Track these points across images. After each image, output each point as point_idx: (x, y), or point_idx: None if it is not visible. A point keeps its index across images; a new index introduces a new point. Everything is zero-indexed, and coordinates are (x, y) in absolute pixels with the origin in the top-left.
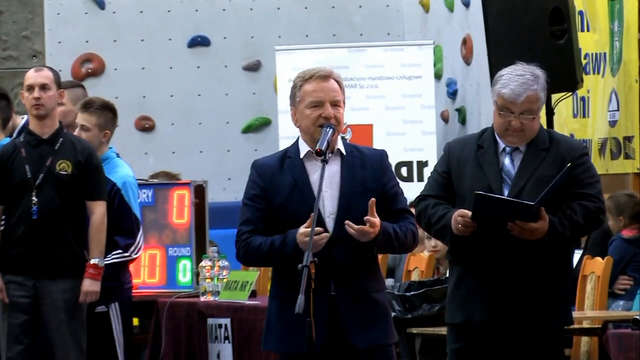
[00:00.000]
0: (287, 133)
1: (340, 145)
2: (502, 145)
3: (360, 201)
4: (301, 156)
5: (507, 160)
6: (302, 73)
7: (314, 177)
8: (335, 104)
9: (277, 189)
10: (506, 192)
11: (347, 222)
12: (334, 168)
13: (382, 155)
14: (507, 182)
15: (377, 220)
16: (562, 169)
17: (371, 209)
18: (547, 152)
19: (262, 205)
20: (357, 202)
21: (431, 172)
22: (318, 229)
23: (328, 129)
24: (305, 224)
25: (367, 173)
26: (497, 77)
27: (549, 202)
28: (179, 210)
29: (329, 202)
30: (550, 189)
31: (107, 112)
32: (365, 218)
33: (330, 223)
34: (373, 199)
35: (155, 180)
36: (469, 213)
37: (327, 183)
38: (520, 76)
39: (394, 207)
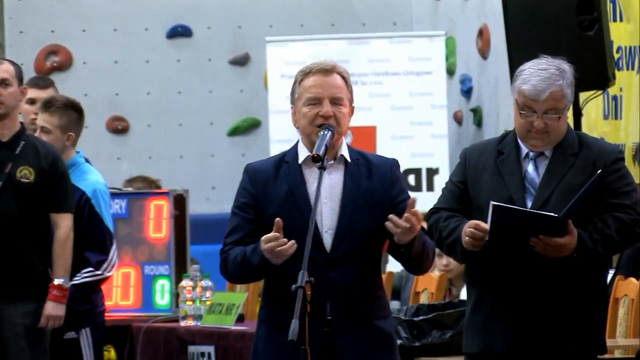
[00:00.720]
0: (278, 136)
1: (344, 151)
2: (525, 150)
3: (363, 216)
4: (299, 161)
5: (530, 167)
6: (303, 67)
7: (312, 186)
8: (336, 102)
9: (270, 198)
10: (529, 204)
11: (391, 216)
12: (336, 177)
13: (393, 164)
14: (530, 192)
15: (420, 215)
16: (593, 175)
17: (411, 206)
18: (576, 157)
19: (252, 215)
20: (359, 217)
21: (446, 183)
22: (283, 239)
23: (326, 132)
24: (274, 230)
25: (374, 184)
26: (518, 73)
27: (577, 214)
28: (157, 223)
29: (327, 216)
30: (579, 199)
31: (70, 112)
32: (405, 216)
33: (327, 239)
34: (414, 197)
35: (129, 188)
36: (482, 224)
37: (326, 194)
38: (544, 70)
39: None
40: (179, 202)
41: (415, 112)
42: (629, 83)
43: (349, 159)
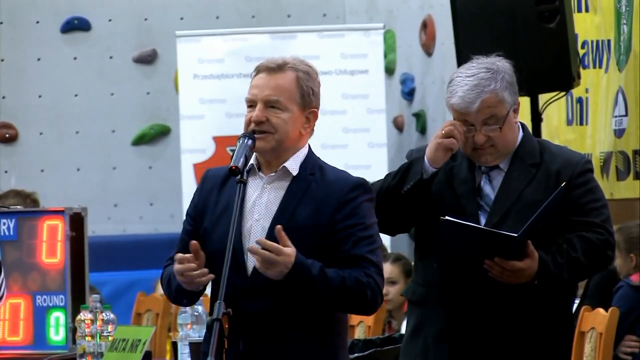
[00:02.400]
0: (191, 144)
1: (291, 163)
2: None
3: (294, 239)
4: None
5: (484, 181)
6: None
7: (251, 198)
8: (272, 105)
9: (208, 211)
10: (483, 221)
11: (254, 245)
12: (276, 193)
13: (354, 185)
14: (483, 208)
15: (288, 249)
16: (557, 189)
17: (279, 235)
18: (537, 168)
19: (191, 227)
20: (290, 238)
21: (385, 175)
22: (190, 265)
23: (245, 140)
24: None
25: (319, 204)
26: (448, 83)
27: (538, 234)
28: (50, 246)
29: (257, 236)
30: (540, 217)
31: None
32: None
33: (251, 262)
34: (279, 226)
35: (18, 207)
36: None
37: (262, 211)
38: (472, 77)
39: (345, 251)
40: (76, 221)
41: (349, 118)
42: (596, 83)
43: (294, 173)
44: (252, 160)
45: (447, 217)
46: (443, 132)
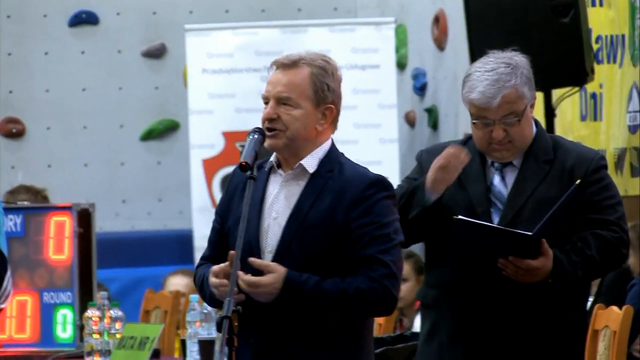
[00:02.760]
0: (200, 140)
1: (308, 160)
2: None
3: (308, 238)
4: (266, 168)
5: (496, 179)
6: None
7: (271, 196)
8: (282, 102)
9: (232, 209)
10: (496, 219)
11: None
12: (294, 190)
13: (370, 182)
14: (496, 206)
15: (266, 279)
16: (571, 186)
17: (256, 266)
18: (551, 164)
19: (219, 226)
20: (302, 239)
21: (402, 180)
22: (224, 281)
23: (254, 135)
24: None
25: (336, 202)
26: (465, 78)
27: (553, 232)
28: (57, 242)
29: (274, 234)
30: (554, 214)
31: None
32: (263, 264)
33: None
34: (251, 259)
35: (25, 202)
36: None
37: (280, 209)
38: (491, 71)
39: (356, 251)
40: (84, 218)
41: (360, 113)
42: (610, 79)
43: (310, 170)
44: (272, 158)
45: (460, 217)
46: (440, 163)
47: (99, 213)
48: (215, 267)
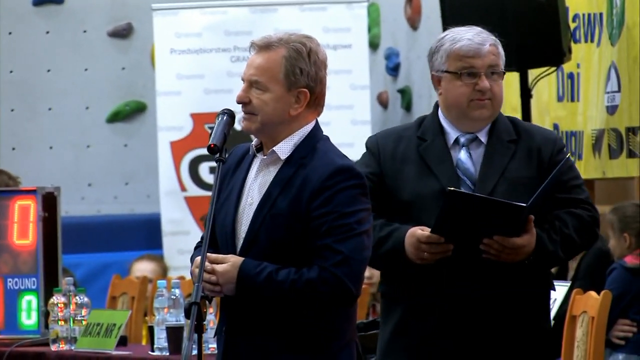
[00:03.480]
0: (168, 122)
1: (282, 146)
2: (453, 135)
3: (274, 227)
4: (250, 152)
5: (463, 154)
6: None
7: (249, 181)
8: (253, 85)
9: (222, 193)
10: None
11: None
12: (267, 178)
13: (333, 171)
14: (466, 184)
15: (220, 268)
16: (540, 167)
17: (213, 259)
18: (516, 144)
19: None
20: (267, 227)
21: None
22: (208, 276)
23: (223, 117)
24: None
25: (299, 190)
26: (439, 43)
27: (538, 209)
28: (22, 227)
29: (247, 220)
30: (545, 189)
31: None
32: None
33: (238, 248)
34: (209, 254)
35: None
36: (427, 234)
37: (255, 194)
38: (470, 28)
39: (313, 242)
40: (49, 202)
41: (332, 94)
42: (587, 58)
43: (282, 157)
44: (254, 141)
45: (452, 188)
46: (424, 257)
47: (64, 197)
48: (197, 259)
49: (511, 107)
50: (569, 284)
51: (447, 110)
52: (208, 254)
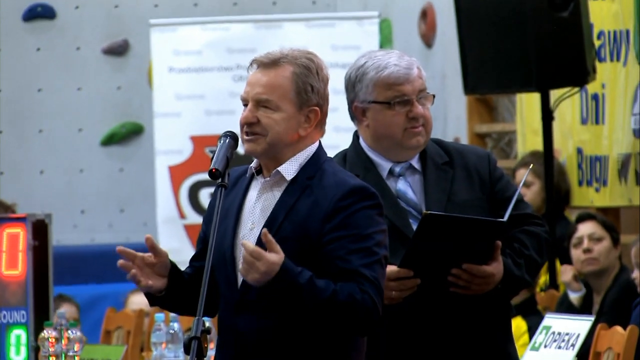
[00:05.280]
0: (166, 145)
1: (287, 166)
2: (385, 165)
3: (282, 249)
4: (247, 174)
5: (401, 184)
6: None
7: (249, 204)
8: (262, 104)
9: (213, 217)
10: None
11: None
12: (270, 201)
13: (347, 191)
14: (412, 214)
15: (271, 256)
16: (483, 186)
17: (265, 240)
18: (451, 166)
19: (203, 234)
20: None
21: None
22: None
23: (225, 140)
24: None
25: (309, 212)
26: (359, 71)
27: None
28: (10, 256)
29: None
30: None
31: None
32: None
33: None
34: (265, 230)
35: None
36: (397, 269)
37: (257, 218)
38: (388, 51)
39: (335, 266)
40: (39, 229)
41: (340, 116)
42: (613, 78)
43: (287, 177)
44: (253, 163)
45: (428, 212)
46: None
47: (55, 224)
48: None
49: (532, 130)
50: (592, 318)
51: (376, 142)
52: (247, 242)
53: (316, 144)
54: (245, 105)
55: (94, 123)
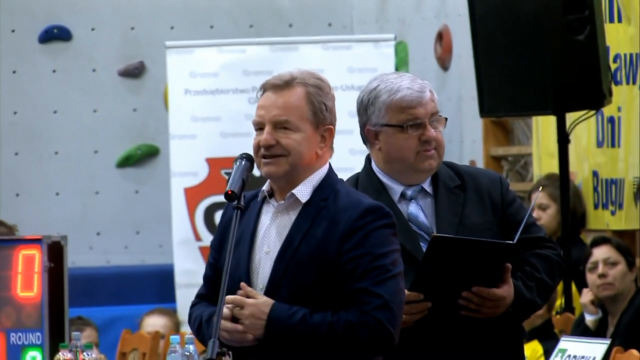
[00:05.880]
0: (182, 167)
1: (301, 189)
2: (397, 189)
3: (301, 273)
4: (259, 198)
5: (413, 208)
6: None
7: (263, 228)
8: (281, 126)
9: (226, 242)
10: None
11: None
12: (285, 221)
13: (364, 211)
14: (423, 238)
15: (251, 301)
16: (495, 209)
17: (247, 292)
18: (463, 190)
19: (214, 261)
20: (295, 274)
21: None
22: (235, 311)
23: (242, 162)
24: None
25: (328, 234)
26: (371, 94)
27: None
28: (26, 278)
29: (265, 270)
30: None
31: None
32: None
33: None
34: (242, 284)
35: None
36: (407, 292)
37: (272, 241)
38: (400, 74)
39: (348, 286)
40: (55, 251)
41: (356, 138)
42: (629, 101)
43: (302, 200)
44: (265, 187)
45: (437, 234)
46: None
47: (71, 246)
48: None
49: (548, 152)
50: (608, 342)
51: (388, 165)
52: (228, 296)
53: (327, 165)
54: (260, 129)
55: (110, 145)
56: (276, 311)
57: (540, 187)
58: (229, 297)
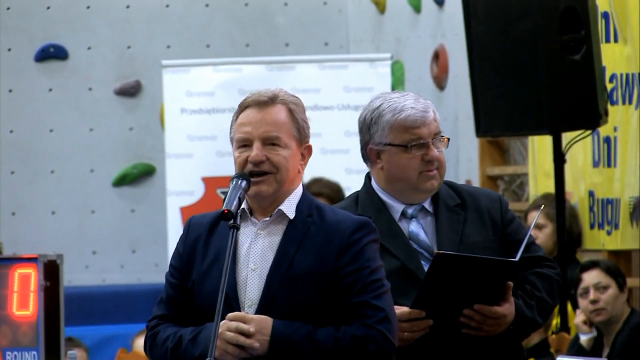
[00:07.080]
0: (178, 186)
1: (286, 205)
2: (397, 207)
3: (295, 290)
4: (237, 216)
5: (414, 226)
6: (243, 99)
7: (244, 249)
8: (271, 142)
9: (195, 262)
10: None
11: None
12: (272, 239)
13: (355, 226)
14: (424, 256)
15: (256, 316)
16: (495, 228)
17: (240, 317)
18: (464, 209)
19: (177, 281)
20: (289, 291)
21: None
22: (242, 326)
23: (238, 181)
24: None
25: (320, 249)
26: (374, 113)
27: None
28: (21, 297)
29: (254, 287)
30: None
31: None
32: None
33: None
34: (234, 314)
35: None
36: (409, 309)
37: (257, 259)
38: (403, 93)
39: (348, 300)
40: (51, 270)
41: (352, 158)
42: (625, 121)
43: (290, 216)
44: (243, 205)
45: (440, 252)
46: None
47: (67, 265)
48: (228, 323)
49: (544, 172)
50: None
51: (389, 184)
52: (230, 313)
53: (301, 184)
54: (244, 145)
55: (106, 164)
56: (278, 328)
57: (542, 206)
58: (231, 314)
